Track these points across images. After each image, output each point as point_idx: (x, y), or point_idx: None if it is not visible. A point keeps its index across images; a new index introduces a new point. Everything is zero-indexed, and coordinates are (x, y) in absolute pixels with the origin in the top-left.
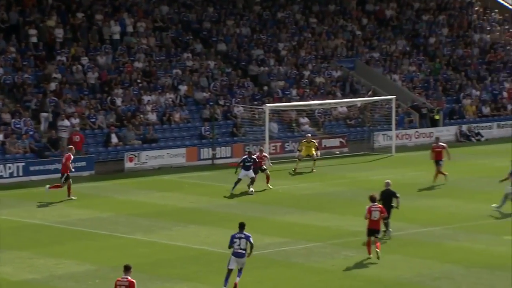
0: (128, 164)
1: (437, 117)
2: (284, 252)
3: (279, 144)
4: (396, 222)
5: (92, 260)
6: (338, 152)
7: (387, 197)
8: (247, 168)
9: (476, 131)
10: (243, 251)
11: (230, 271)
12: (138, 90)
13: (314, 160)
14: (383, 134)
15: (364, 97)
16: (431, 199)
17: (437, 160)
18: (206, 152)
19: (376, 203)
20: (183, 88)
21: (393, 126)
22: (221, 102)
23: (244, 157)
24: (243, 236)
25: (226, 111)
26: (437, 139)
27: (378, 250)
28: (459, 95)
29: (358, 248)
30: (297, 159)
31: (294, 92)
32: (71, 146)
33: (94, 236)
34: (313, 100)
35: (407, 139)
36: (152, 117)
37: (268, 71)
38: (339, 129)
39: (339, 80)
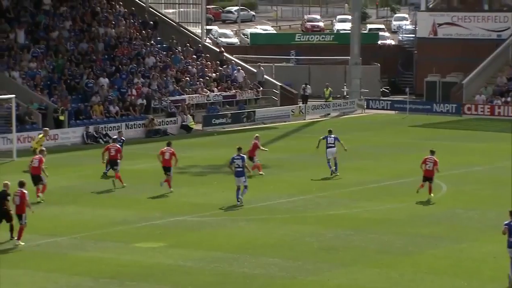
0: None
1: (62, 117)
2: None
3: None
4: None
5: None
6: None
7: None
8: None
9: (104, 132)
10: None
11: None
12: None
13: None
14: (2, 137)
15: None
16: (56, 207)
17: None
18: None
19: None
20: None
21: (14, 128)
22: None
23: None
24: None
25: None
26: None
27: None
28: (86, 93)
29: None
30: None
31: None
32: None
33: None
34: None
35: (29, 142)
36: None
37: None
38: None
39: None
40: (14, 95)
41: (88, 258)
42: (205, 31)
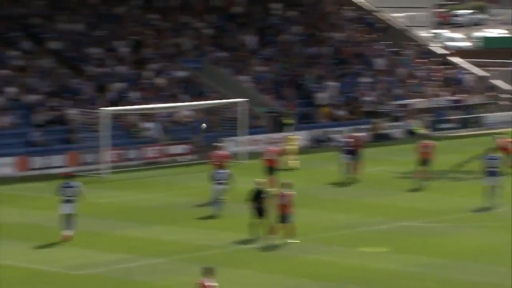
0: None
1: (289, 121)
2: (125, 270)
3: (119, 151)
4: (244, 235)
5: None
6: (184, 160)
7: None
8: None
9: (329, 136)
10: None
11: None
12: None
13: None
14: (231, 140)
15: (210, 100)
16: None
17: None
18: (37, 161)
19: None
20: (12, 90)
21: (243, 131)
22: (54, 105)
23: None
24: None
25: (59, 116)
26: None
27: None
28: (312, 97)
29: (207, 263)
30: None
31: (134, 94)
32: None
33: None
34: (154, 103)
35: (257, 145)
36: None
37: (106, 72)
38: (185, 135)
39: (183, 81)
40: (246, 99)
41: (314, 261)
42: (433, 34)
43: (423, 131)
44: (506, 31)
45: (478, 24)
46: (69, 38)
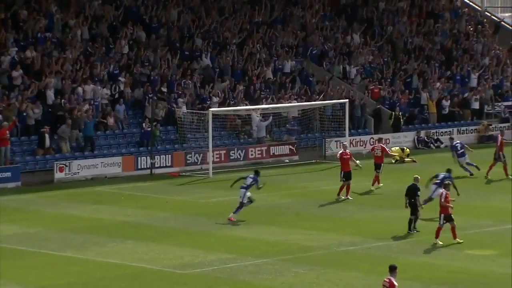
0: (58, 175)
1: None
2: (229, 269)
3: (223, 152)
4: (347, 236)
5: (20, 279)
6: (287, 160)
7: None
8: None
9: (436, 137)
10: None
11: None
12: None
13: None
14: (335, 141)
15: (316, 97)
16: (388, 211)
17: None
18: (144, 161)
19: None
20: (123, 80)
21: (347, 132)
22: (163, 103)
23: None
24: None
25: (167, 114)
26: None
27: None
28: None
29: (310, 264)
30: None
31: (242, 89)
32: None
33: (22, 253)
34: (264, 99)
35: (361, 146)
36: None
37: (213, 66)
38: (288, 135)
39: (291, 74)
40: (347, 100)
41: (419, 263)
42: None
43: None
44: None
45: None
46: (177, 29)
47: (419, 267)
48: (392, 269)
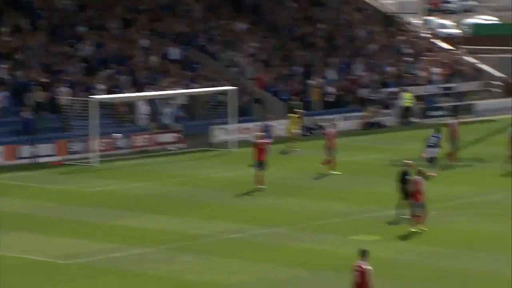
0: None
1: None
2: (114, 259)
3: (108, 140)
4: (235, 224)
5: None
6: (173, 148)
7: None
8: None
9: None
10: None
11: None
12: None
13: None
14: (220, 128)
15: (201, 85)
16: (274, 198)
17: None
18: (26, 150)
19: None
20: (4, 66)
21: (233, 119)
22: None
23: None
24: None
25: (49, 102)
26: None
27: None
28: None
29: (197, 252)
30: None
31: (124, 77)
32: None
33: None
34: (147, 85)
35: (247, 133)
36: None
37: (97, 52)
38: (175, 122)
39: (177, 61)
40: (236, 87)
41: (306, 250)
42: (423, 21)
43: (413, 104)
44: (496, 18)
45: (469, 11)
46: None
47: (306, 254)
48: (363, 254)
